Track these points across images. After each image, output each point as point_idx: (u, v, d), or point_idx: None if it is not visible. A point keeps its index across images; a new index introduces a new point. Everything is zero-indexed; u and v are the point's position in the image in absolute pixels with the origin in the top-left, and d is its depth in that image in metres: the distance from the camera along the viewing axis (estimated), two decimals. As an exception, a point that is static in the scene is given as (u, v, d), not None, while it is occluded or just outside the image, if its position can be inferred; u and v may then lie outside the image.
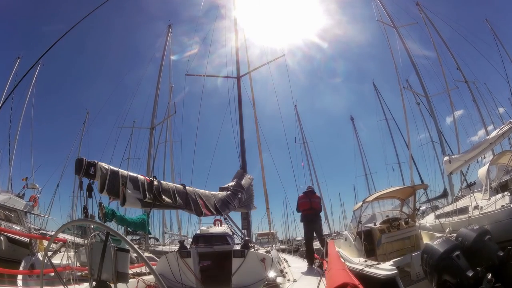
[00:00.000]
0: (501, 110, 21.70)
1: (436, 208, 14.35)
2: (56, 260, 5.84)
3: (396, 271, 4.78)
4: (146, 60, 27.50)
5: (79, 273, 4.35)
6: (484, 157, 13.20)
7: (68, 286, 3.16)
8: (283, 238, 36.51)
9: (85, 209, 3.47)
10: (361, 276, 5.47)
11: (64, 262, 5.65)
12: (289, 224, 40.31)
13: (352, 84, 64.94)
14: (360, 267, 5.78)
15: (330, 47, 44.67)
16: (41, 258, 6.45)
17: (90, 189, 3.63)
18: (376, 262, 5.57)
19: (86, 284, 3.43)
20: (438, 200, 17.71)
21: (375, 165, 35.64)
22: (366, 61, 60.51)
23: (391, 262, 5.32)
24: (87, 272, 3.52)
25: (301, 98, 62.74)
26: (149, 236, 19.13)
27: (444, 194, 17.63)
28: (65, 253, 5.89)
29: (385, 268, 4.99)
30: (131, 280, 3.60)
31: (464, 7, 42.29)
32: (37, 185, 17.68)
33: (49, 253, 6.54)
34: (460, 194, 12.62)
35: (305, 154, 33.06)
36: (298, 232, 40.88)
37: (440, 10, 24.35)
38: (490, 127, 20.26)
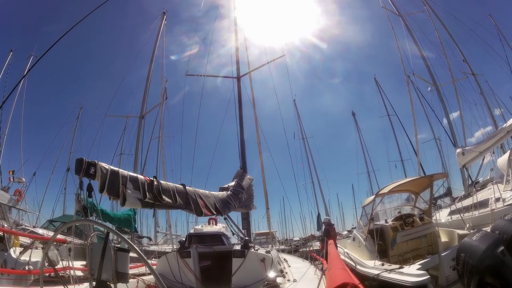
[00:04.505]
0: (502, 110, 21.14)
1: (440, 207, 13.73)
2: (25, 257, 5.97)
3: (428, 276, 3.96)
4: (144, 57, 26.62)
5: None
6: (494, 152, 12.61)
7: (68, 286, 3.12)
8: (280, 238, 35.87)
9: (84, 209, 3.49)
10: (379, 283, 4.69)
11: (33, 259, 5.82)
12: (287, 224, 39.81)
13: (352, 84, 64.56)
14: (375, 272, 4.97)
15: (329, 47, 44.35)
16: (13, 254, 6.23)
17: (90, 189, 3.62)
18: (397, 266, 4.71)
19: (86, 284, 3.41)
20: (441, 198, 17.15)
21: (376, 163, 35.33)
22: (365, 60, 60.31)
23: (417, 266, 4.46)
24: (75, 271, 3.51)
25: (301, 97, 62.09)
26: (141, 235, 18.27)
27: (448, 193, 17.07)
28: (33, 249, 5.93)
29: (412, 273, 4.14)
30: (131, 280, 3.60)
31: (467, 3, 41.81)
32: (24, 179, 16.71)
33: (20, 249, 6.42)
34: (468, 191, 12.00)
35: (305, 150, 32.48)
36: (295, 233, 40.57)
37: (442, 5, 23.68)
38: (488, 128, 19.80)
